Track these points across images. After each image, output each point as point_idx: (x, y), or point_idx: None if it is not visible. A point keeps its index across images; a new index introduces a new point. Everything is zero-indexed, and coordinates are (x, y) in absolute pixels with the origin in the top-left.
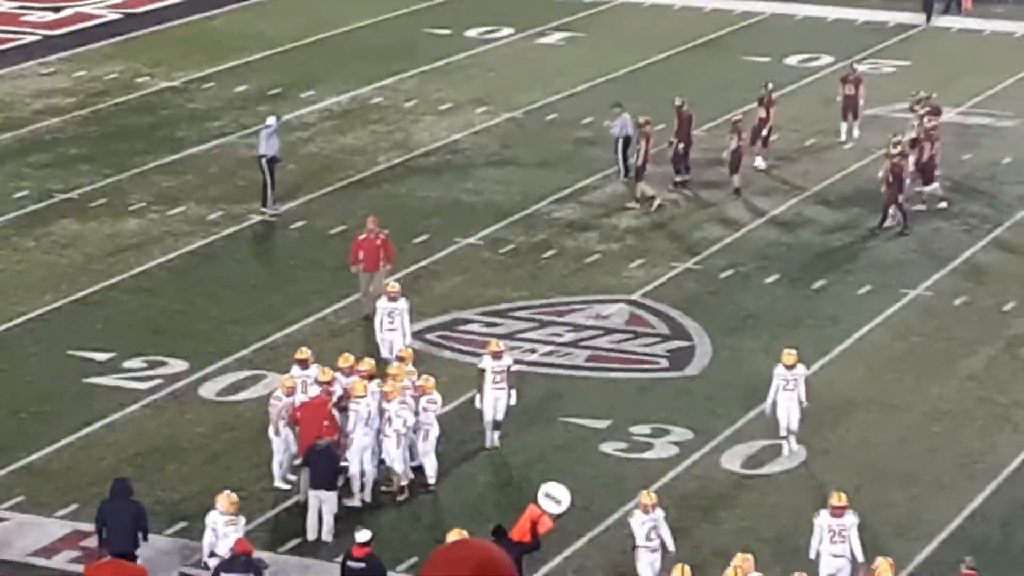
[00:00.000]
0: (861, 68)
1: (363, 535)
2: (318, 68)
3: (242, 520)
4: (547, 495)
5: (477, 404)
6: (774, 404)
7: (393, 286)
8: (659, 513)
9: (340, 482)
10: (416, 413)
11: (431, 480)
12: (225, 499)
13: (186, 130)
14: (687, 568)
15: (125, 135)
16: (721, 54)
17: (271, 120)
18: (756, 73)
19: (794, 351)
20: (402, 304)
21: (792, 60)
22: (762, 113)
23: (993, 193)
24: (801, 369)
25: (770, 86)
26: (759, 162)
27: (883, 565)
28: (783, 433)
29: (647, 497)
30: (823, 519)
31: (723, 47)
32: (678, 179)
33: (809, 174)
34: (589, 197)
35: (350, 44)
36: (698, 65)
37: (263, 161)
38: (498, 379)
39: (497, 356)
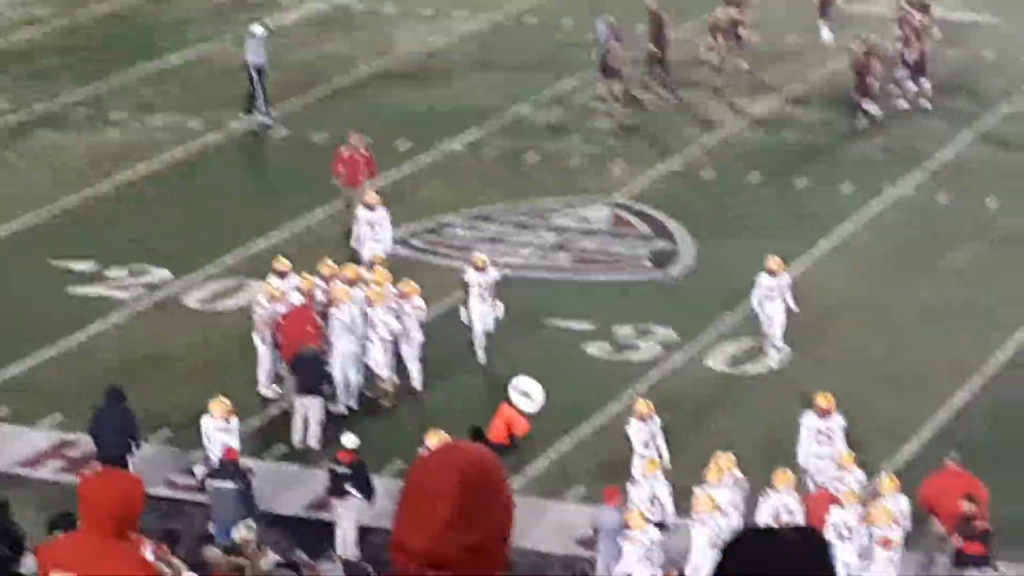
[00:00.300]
0: None
1: (349, 440)
2: None
3: (235, 423)
4: (519, 391)
5: (463, 318)
6: (759, 307)
7: (372, 196)
8: (656, 421)
9: (327, 389)
10: (398, 319)
11: (416, 385)
12: (218, 404)
13: (165, 39)
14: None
15: (105, 45)
16: None
17: (257, 28)
18: None
19: (778, 256)
20: (381, 213)
21: None
22: (733, 12)
23: (975, 89)
24: (786, 277)
25: None
26: (743, 63)
27: (885, 480)
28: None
29: (643, 405)
30: (809, 419)
31: None
32: (650, 82)
33: (791, 73)
34: (571, 100)
35: None
36: None
37: (251, 69)
38: (484, 293)
39: (481, 269)
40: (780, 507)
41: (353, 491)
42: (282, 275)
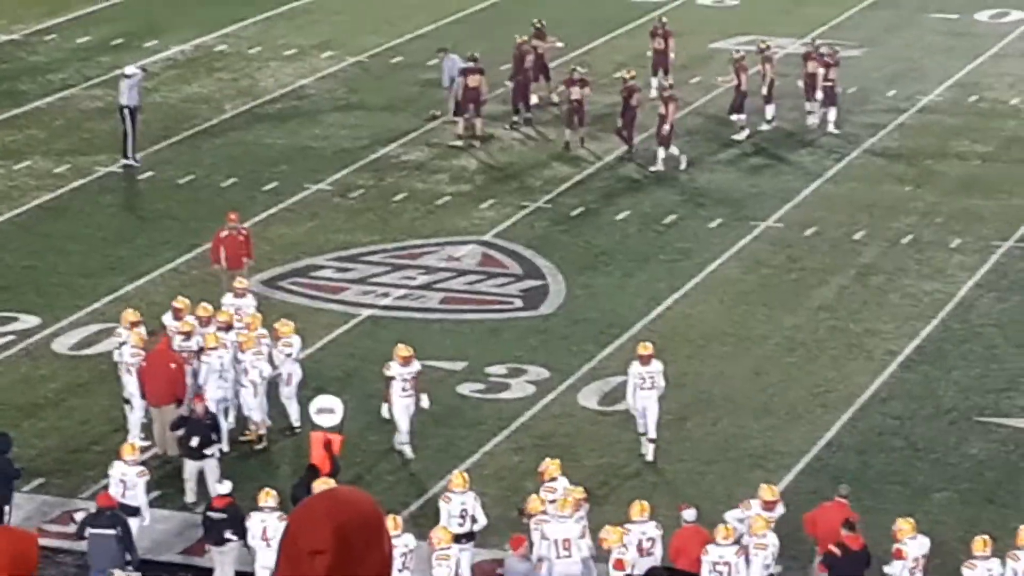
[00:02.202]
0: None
1: (224, 486)
2: (161, 17)
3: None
4: (319, 410)
5: (385, 413)
6: (633, 401)
7: (241, 281)
8: (658, 365)
9: (218, 448)
10: (271, 361)
11: (294, 422)
12: (130, 449)
13: (28, 83)
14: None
15: None
16: None
17: (132, 69)
18: (599, 10)
19: (650, 344)
20: (250, 300)
21: None
22: (658, 44)
23: (839, 123)
24: (657, 365)
25: (664, 20)
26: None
27: (759, 521)
28: (641, 430)
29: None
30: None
31: None
32: (516, 118)
33: (655, 109)
34: (437, 139)
35: None
36: (540, 3)
37: (124, 111)
38: (407, 386)
39: (406, 362)
40: (641, 537)
41: (232, 536)
42: (177, 314)
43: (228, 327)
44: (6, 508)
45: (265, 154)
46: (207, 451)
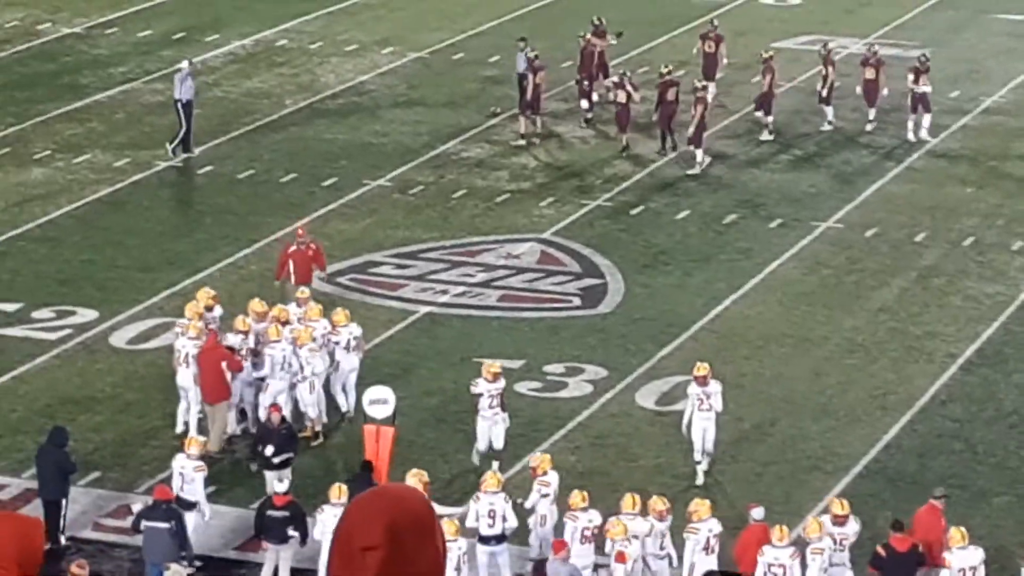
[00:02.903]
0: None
1: (282, 484)
2: (222, 11)
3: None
4: (371, 402)
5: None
6: (689, 424)
7: (303, 292)
8: (716, 386)
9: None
10: (332, 353)
11: (348, 409)
12: (193, 442)
13: (90, 77)
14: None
15: (28, 83)
16: None
17: (183, 64)
18: (660, 8)
19: (706, 364)
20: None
21: None
22: (709, 48)
23: (902, 124)
24: (715, 385)
25: (715, 23)
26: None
27: (812, 524)
28: (698, 457)
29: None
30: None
31: None
32: (589, 116)
33: (718, 109)
34: (498, 136)
35: None
36: (605, 1)
37: (178, 105)
38: (493, 403)
39: (495, 378)
40: (709, 534)
41: (294, 534)
42: (209, 308)
43: (285, 322)
44: (63, 502)
45: (325, 150)
46: (276, 459)
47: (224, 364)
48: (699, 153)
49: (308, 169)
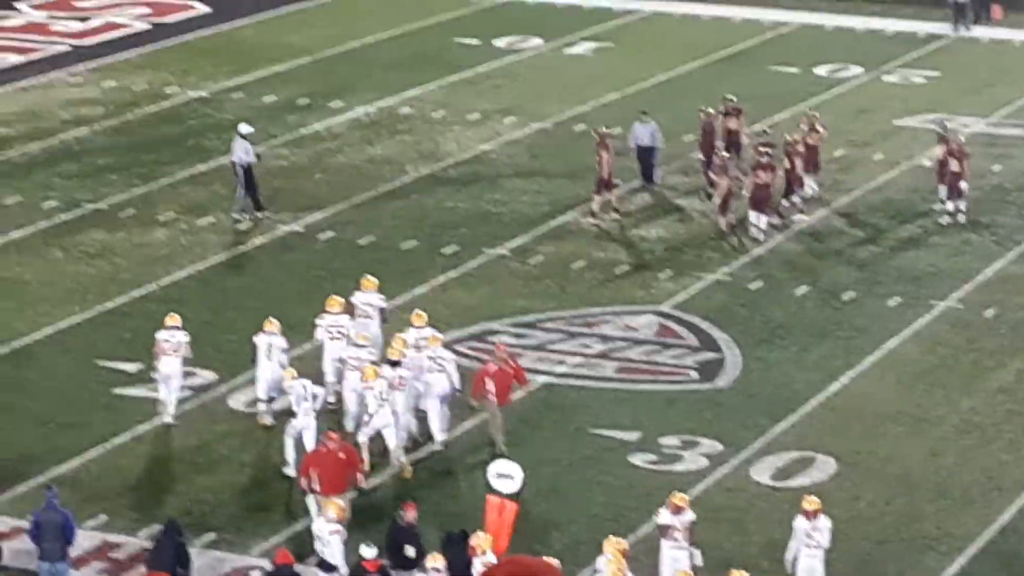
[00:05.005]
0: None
1: (370, 551)
2: (347, 78)
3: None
4: (498, 475)
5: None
6: (794, 560)
7: (420, 315)
8: (825, 521)
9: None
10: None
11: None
12: (332, 506)
13: (214, 140)
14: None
15: (154, 145)
16: (749, 65)
17: (244, 127)
18: (784, 84)
19: (816, 498)
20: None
21: (821, 70)
22: (732, 124)
23: (1023, 205)
24: (824, 520)
25: (734, 98)
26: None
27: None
28: None
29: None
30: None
31: (752, 58)
32: (710, 190)
33: (838, 185)
34: (617, 207)
35: (379, 54)
36: (726, 76)
37: (239, 168)
38: (679, 536)
39: (679, 510)
40: None
41: None
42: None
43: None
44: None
45: (446, 218)
46: (418, 558)
47: (342, 456)
48: (762, 220)
49: (428, 236)
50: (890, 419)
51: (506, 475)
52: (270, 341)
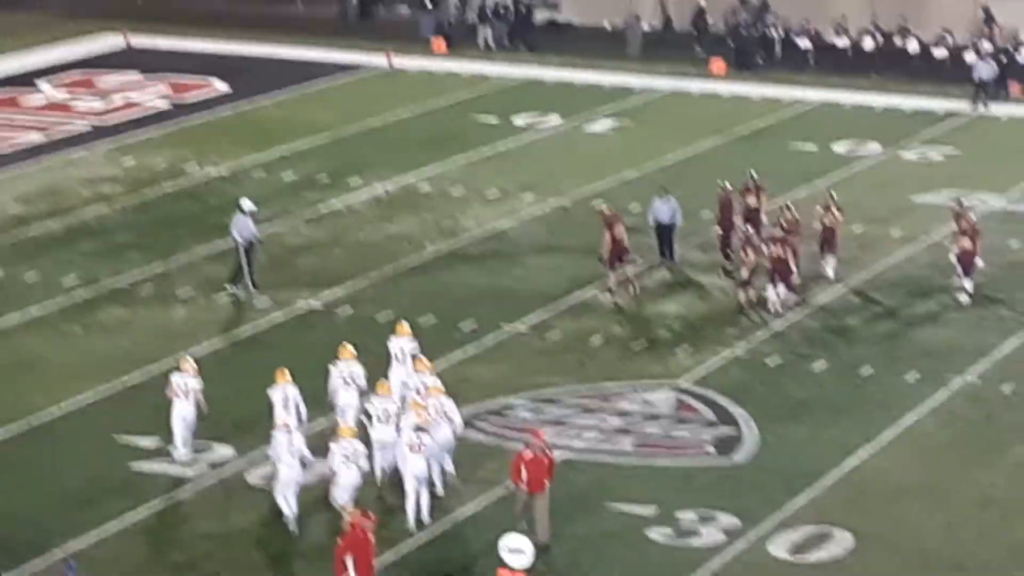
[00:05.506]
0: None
1: None
2: (366, 156)
3: None
4: (510, 550)
5: None
6: None
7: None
8: None
9: None
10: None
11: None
12: None
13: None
14: None
15: (173, 222)
16: (768, 142)
17: (246, 203)
18: (803, 161)
19: None
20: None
21: (840, 147)
22: (752, 201)
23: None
24: None
25: (755, 174)
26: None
27: None
28: None
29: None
30: None
31: (771, 135)
32: (728, 266)
33: (857, 261)
34: (636, 284)
35: (399, 132)
36: (745, 153)
37: (240, 244)
38: None
39: None
40: None
41: None
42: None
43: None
44: None
45: (464, 294)
46: None
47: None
48: (776, 293)
49: (447, 312)
50: (908, 493)
51: (517, 550)
52: (285, 392)
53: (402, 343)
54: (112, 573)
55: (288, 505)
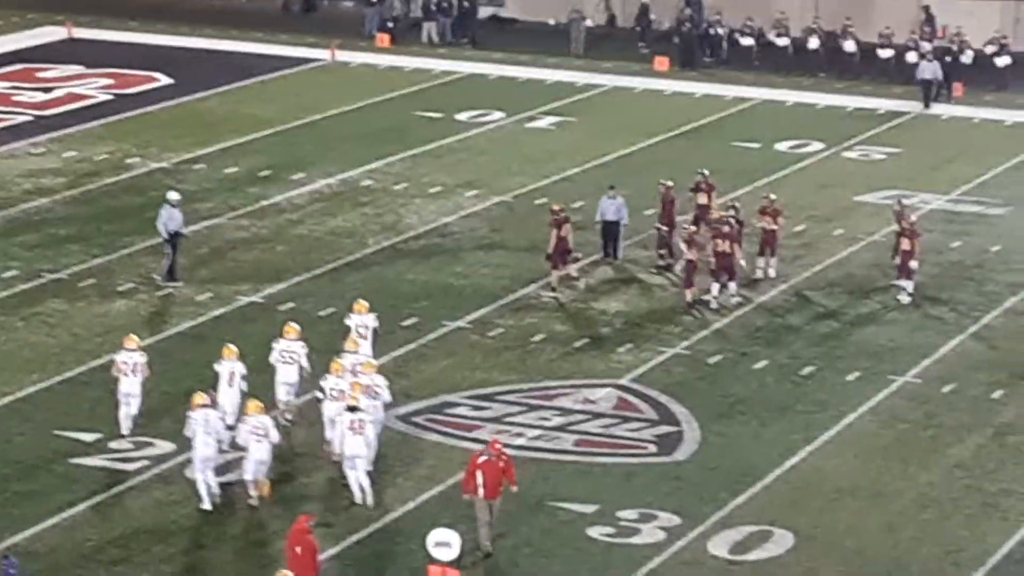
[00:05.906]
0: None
1: None
2: (309, 150)
3: None
4: (436, 544)
5: None
6: None
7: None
8: None
9: None
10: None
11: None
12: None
13: None
14: None
15: (114, 216)
16: (711, 139)
17: (173, 195)
18: (745, 159)
19: None
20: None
21: (782, 146)
22: (702, 199)
23: (982, 281)
24: None
25: (706, 172)
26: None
27: None
28: None
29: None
30: None
31: (713, 132)
32: (661, 263)
33: (798, 260)
34: (577, 281)
35: (341, 127)
36: (687, 150)
37: (167, 235)
38: None
39: None
40: None
41: None
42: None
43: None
44: None
45: (406, 290)
46: None
47: (298, 550)
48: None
49: (389, 308)
50: (848, 493)
51: (444, 543)
52: (232, 368)
53: (365, 320)
54: (50, 568)
55: (205, 482)
